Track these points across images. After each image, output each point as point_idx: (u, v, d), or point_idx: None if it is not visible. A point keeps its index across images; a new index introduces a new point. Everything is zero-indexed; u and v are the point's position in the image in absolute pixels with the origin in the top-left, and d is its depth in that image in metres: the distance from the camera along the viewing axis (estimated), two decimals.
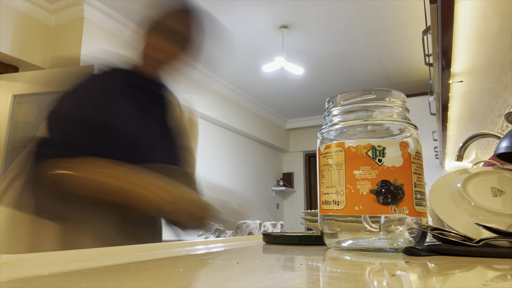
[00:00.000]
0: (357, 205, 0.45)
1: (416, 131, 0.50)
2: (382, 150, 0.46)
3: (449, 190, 0.66)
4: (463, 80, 1.59)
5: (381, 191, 0.45)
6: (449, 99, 1.75)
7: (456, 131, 2.47)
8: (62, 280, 0.30)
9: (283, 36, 3.87)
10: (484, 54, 1.35)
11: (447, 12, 1.03)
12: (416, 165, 0.47)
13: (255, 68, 4.74)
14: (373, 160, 0.46)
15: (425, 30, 1.47)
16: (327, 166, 0.50)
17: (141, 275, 0.31)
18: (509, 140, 0.75)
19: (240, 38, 3.97)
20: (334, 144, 0.50)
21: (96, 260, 0.40)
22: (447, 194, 0.66)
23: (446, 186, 0.68)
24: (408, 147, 0.47)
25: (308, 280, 0.30)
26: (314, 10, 3.45)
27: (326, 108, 0.55)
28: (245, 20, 3.63)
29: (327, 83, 5.26)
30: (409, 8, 3.38)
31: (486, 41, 1.25)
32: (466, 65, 1.44)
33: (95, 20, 3.38)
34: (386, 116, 0.49)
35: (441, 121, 2.10)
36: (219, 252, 0.51)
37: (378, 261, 0.39)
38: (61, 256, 0.40)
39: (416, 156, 0.48)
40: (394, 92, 0.50)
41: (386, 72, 4.84)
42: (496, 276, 0.32)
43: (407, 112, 0.52)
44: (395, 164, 0.46)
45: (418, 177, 0.47)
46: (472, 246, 0.44)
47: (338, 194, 0.48)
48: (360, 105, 0.50)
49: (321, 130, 0.54)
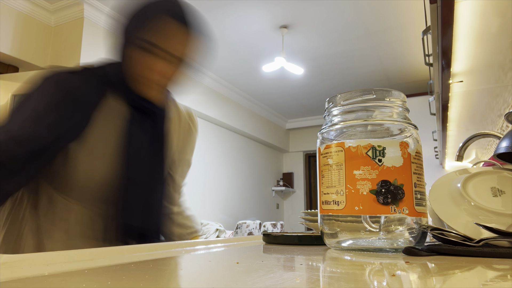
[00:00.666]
0: (357, 205, 0.45)
1: (416, 131, 0.50)
2: (382, 150, 0.46)
3: (449, 190, 0.66)
4: (463, 80, 1.59)
5: (381, 191, 0.45)
6: (449, 99, 1.76)
7: (456, 131, 2.47)
8: (62, 280, 0.30)
9: (283, 36, 3.87)
10: (484, 54, 1.35)
11: (447, 12, 1.03)
12: (416, 165, 0.47)
13: (255, 68, 4.74)
14: (373, 160, 0.46)
15: (425, 30, 1.47)
16: (327, 166, 0.50)
17: (141, 275, 0.31)
18: (509, 140, 0.75)
19: (240, 38, 3.97)
20: (334, 144, 0.50)
21: (96, 260, 0.40)
22: (447, 194, 0.66)
23: (446, 186, 0.68)
24: (408, 147, 0.47)
25: (308, 280, 0.30)
26: (314, 10, 3.45)
27: (326, 108, 0.55)
28: (245, 20, 3.63)
29: (327, 83, 5.26)
30: (409, 8, 3.38)
31: (486, 41, 1.25)
32: (466, 65, 1.44)
33: (95, 20, 3.38)
34: (386, 116, 0.49)
35: (441, 121, 2.10)
36: (219, 252, 0.51)
37: (378, 261, 0.39)
38: (61, 256, 0.40)
39: (416, 156, 0.48)
40: (394, 92, 0.50)
41: (386, 72, 4.84)
42: (496, 276, 0.32)
43: (407, 112, 0.52)
44: (395, 164, 0.46)
45: (418, 177, 0.47)
46: (472, 246, 0.44)
47: (338, 194, 0.48)
48: (360, 105, 0.50)
49: (321, 130, 0.54)
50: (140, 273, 0.32)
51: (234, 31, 3.83)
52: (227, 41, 4.04)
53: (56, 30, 3.39)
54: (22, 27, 3.12)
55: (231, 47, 4.18)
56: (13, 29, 3.05)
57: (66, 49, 3.28)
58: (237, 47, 4.17)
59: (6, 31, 2.99)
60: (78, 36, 3.24)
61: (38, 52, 3.25)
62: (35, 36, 3.24)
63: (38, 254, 0.39)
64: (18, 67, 3.24)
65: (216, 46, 4.15)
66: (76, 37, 3.25)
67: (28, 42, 3.16)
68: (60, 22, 3.37)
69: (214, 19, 3.59)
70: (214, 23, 3.67)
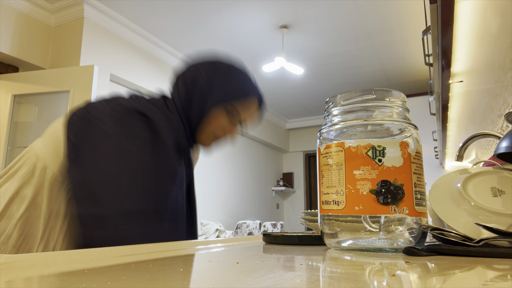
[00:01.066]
0: (357, 205, 0.45)
1: (416, 131, 0.50)
2: (382, 150, 0.46)
3: (449, 190, 0.66)
4: (463, 80, 1.59)
5: (381, 191, 0.45)
6: (449, 99, 1.76)
7: (456, 131, 2.47)
8: (62, 280, 0.30)
9: (283, 36, 3.87)
10: (484, 54, 1.35)
11: (447, 12, 1.03)
12: (416, 165, 0.47)
13: (255, 68, 4.74)
14: (373, 160, 0.46)
15: (425, 30, 1.47)
16: (327, 166, 0.50)
17: (141, 275, 0.31)
18: (509, 140, 0.75)
19: (240, 38, 3.97)
20: (334, 144, 0.50)
21: (96, 260, 0.40)
22: (447, 194, 0.66)
23: (446, 186, 0.68)
24: (408, 147, 0.47)
25: (308, 280, 0.30)
26: (314, 10, 3.45)
27: (326, 108, 0.55)
28: (245, 20, 3.63)
29: (327, 83, 5.26)
30: (409, 8, 3.38)
31: (486, 41, 1.25)
32: (466, 65, 1.44)
33: (95, 20, 3.38)
34: (386, 116, 0.49)
35: (441, 121, 2.10)
36: (219, 252, 0.51)
37: (378, 261, 0.39)
38: (61, 256, 0.40)
39: (416, 156, 0.48)
40: (394, 92, 0.50)
41: (386, 72, 4.84)
42: (496, 276, 0.32)
43: (407, 112, 0.51)
44: (395, 164, 0.46)
45: (418, 177, 0.47)
46: (472, 246, 0.44)
47: (338, 194, 0.48)
48: (360, 105, 0.50)
49: (321, 130, 0.54)
50: (140, 273, 0.32)
51: (234, 31, 3.83)
52: (227, 41, 4.04)
53: (56, 30, 3.39)
54: (22, 27, 3.12)
55: (231, 47, 4.18)
56: (13, 29, 3.05)
57: (66, 49, 3.28)
58: (237, 47, 4.17)
59: (6, 31, 2.99)
60: (78, 36, 3.24)
61: (38, 52, 3.25)
62: (35, 36, 3.24)
63: (38, 254, 0.39)
64: (18, 67, 3.24)
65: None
66: (76, 37, 3.25)
67: (28, 42, 3.16)
68: (60, 22, 3.37)
69: (214, 19, 3.59)
70: (214, 23, 3.67)
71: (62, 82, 2.86)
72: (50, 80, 2.91)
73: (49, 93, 2.92)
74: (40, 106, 2.97)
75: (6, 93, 2.95)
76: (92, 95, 2.75)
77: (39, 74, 2.97)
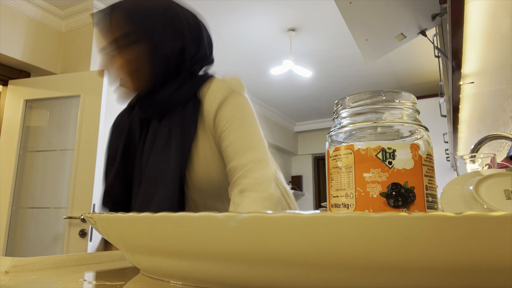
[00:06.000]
0: (367, 208, 0.45)
1: (427, 133, 0.49)
2: (392, 153, 0.46)
3: (461, 193, 0.65)
4: (474, 81, 1.56)
5: (391, 194, 0.44)
6: (460, 101, 1.73)
7: (467, 133, 2.43)
8: (71, 281, 0.30)
9: (291, 39, 3.87)
10: (495, 54, 1.34)
11: (457, 13, 1.02)
12: (427, 168, 0.47)
13: (263, 71, 4.75)
14: (383, 162, 0.45)
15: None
16: (336, 169, 0.50)
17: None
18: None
19: (248, 41, 3.98)
20: (343, 146, 0.49)
21: (104, 263, 0.40)
22: (459, 197, 0.65)
23: (458, 189, 0.67)
24: (419, 149, 0.46)
25: None
26: (322, 13, 3.45)
27: (334, 110, 0.54)
28: (253, 24, 3.64)
29: (336, 85, 5.24)
30: None
31: (497, 41, 1.24)
32: (477, 66, 1.42)
33: None
34: (396, 118, 0.49)
35: (452, 123, 2.08)
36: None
37: None
38: (70, 260, 0.41)
39: (427, 158, 0.47)
40: (404, 93, 0.50)
41: (395, 74, 4.81)
42: None
43: (418, 114, 0.51)
44: (406, 166, 0.45)
45: (430, 179, 0.46)
46: None
47: (347, 197, 0.47)
48: (369, 107, 0.49)
49: (330, 132, 0.53)
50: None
51: (242, 34, 3.84)
52: (235, 45, 4.05)
53: (67, 36, 3.44)
54: (33, 33, 3.17)
55: (239, 51, 4.20)
56: (25, 35, 3.10)
57: (77, 54, 3.32)
58: (245, 50, 4.19)
59: (18, 37, 3.05)
60: (88, 42, 3.28)
61: (49, 58, 3.30)
62: (46, 41, 3.29)
63: (48, 257, 0.40)
64: (30, 72, 3.29)
65: (224, 48, 4.16)
66: (86, 42, 3.29)
67: (40, 47, 3.21)
68: (71, 28, 3.41)
69: (222, 22, 3.61)
70: (222, 26, 3.69)
71: (73, 87, 2.89)
72: (61, 85, 2.94)
73: (60, 98, 2.95)
74: (51, 110, 3.01)
75: (18, 98, 3.00)
76: (102, 100, 2.78)
77: (50, 79, 3.01)
